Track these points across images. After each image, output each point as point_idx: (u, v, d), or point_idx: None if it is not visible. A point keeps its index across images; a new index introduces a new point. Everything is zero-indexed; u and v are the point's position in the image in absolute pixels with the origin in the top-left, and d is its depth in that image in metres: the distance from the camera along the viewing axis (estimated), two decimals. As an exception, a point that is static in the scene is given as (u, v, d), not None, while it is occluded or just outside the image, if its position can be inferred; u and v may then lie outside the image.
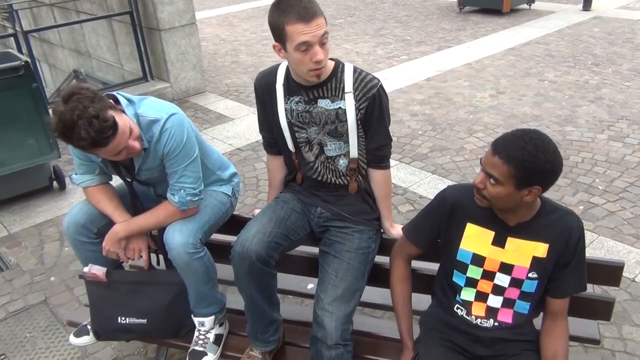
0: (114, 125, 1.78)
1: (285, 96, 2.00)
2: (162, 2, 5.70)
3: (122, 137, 1.82)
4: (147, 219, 2.08)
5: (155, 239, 2.20)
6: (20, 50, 5.15)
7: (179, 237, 1.99)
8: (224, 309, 2.25)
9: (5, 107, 3.74)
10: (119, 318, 2.17)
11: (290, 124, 2.03)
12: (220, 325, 2.23)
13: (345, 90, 1.94)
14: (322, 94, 1.95)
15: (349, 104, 1.94)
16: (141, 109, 1.97)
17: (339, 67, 1.97)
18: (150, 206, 2.15)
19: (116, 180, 2.20)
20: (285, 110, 2.01)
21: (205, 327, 2.18)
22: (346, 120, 1.96)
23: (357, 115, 1.95)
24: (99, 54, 7.09)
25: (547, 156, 1.53)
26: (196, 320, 2.18)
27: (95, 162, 2.09)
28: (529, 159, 1.51)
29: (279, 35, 1.81)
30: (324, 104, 1.96)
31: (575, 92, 5.63)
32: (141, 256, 2.13)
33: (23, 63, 3.72)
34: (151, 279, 2.17)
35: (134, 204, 2.18)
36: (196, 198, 2.05)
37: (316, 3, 1.80)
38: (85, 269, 2.15)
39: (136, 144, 1.88)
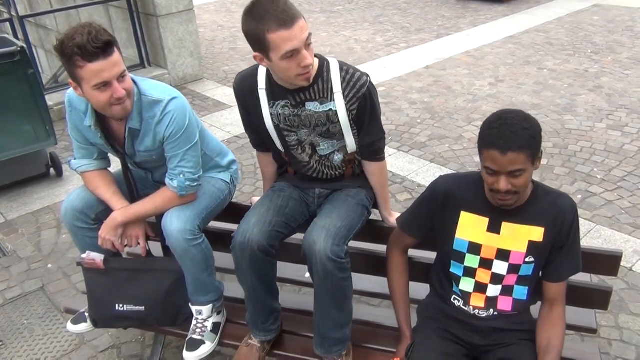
0: (109, 45, 1.76)
1: (269, 101, 1.93)
2: (159, -13, 5.65)
3: (111, 66, 1.77)
4: (145, 205, 2.07)
5: (153, 226, 2.19)
6: (16, 36, 5.10)
7: (177, 224, 1.98)
8: (222, 297, 2.25)
9: (1, 93, 3.71)
10: (117, 305, 2.17)
11: (278, 128, 1.99)
12: (218, 313, 2.23)
13: (334, 91, 1.88)
14: (310, 96, 1.89)
15: (339, 105, 1.89)
16: (144, 88, 1.96)
17: (324, 65, 1.89)
18: (147, 193, 2.14)
19: (114, 168, 2.19)
20: (271, 114, 1.95)
21: (203, 315, 2.18)
22: (338, 121, 1.93)
23: (349, 116, 1.92)
24: (95, 40, 7.02)
25: (531, 120, 1.57)
26: (194, 308, 2.18)
27: (94, 145, 2.08)
28: (530, 133, 1.54)
29: (260, 46, 1.71)
30: (312, 106, 1.90)
31: (574, 80, 5.61)
32: (139, 243, 2.13)
33: (19, 49, 3.69)
34: (149, 267, 2.17)
35: (131, 189, 2.16)
36: (195, 184, 2.04)
37: (291, 4, 1.70)
38: (83, 256, 2.14)
39: (121, 90, 1.82)
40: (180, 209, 2.02)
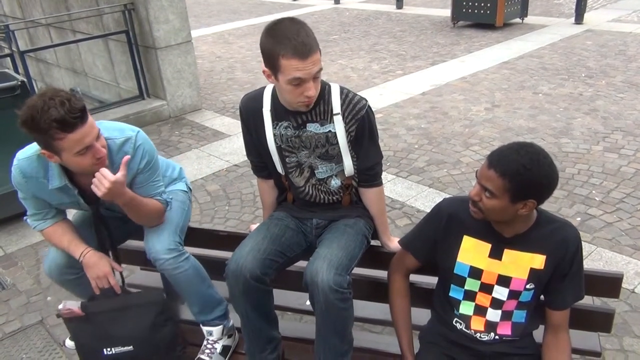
0: (84, 111, 1.76)
1: (273, 121, 1.98)
2: (157, 20, 5.74)
3: (90, 130, 1.77)
4: (138, 196, 2.00)
5: (119, 258, 2.20)
6: (16, 70, 5.16)
7: (159, 245, 2.02)
8: (228, 313, 2.23)
9: (2, 127, 3.73)
10: (105, 350, 2.07)
11: (280, 149, 2.02)
12: (229, 336, 2.23)
13: (334, 112, 1.92)
14: (311, 118, 1.94)
15: (339, 127, 1.93)
16: (107, 134, 1.93)
17: (325, 89, 1.94)
18: (120, 232, 2.20)
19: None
20: (274, 135, 1.99)
21: (213, 336, 2.17)
22: (337, 143, 1.95)
23: (347, 138, 1.95)
24: (95, 72, 7.12)
25: (542, 170, 1.53)
26: (204, 329, 2.18)
27: (51, 205, 2.07)
28: (524, 172, 1.51)
29: (271, 63, 1.77)
30: (313, 127, 1.94)
31: (569, 104, 5.66)
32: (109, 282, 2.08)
33: (19, 83, 3.74)
34: (128, 304, 2.09)
35: (101, 237, 2.14)
36: (170, 199, 2.14)
37: (313, 35, 1.75)
38: (60, 307, 2.07)
39: (102, 149, 1.83)
40: (156, 233, 2.07)
